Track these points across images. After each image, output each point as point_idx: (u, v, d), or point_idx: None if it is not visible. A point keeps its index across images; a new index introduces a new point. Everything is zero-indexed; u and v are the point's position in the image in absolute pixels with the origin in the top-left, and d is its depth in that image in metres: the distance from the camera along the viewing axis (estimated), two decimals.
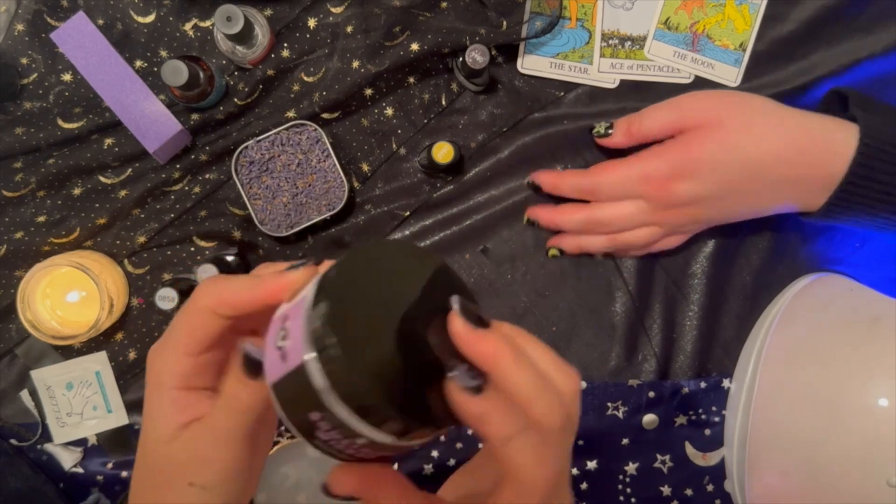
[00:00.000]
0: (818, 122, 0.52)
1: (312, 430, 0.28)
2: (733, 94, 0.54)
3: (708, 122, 0.52)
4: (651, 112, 0.54)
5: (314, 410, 0.27)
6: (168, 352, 0.32)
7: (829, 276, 0.61)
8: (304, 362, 0.26)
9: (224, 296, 0.31)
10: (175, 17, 0.58)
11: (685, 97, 0.54)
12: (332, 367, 0.26)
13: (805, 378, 0.54)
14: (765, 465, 0.56)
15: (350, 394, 0.26)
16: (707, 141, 0.51)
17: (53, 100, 0.57)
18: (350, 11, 0.58)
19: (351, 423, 0.26)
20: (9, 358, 0.60)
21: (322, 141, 0.57)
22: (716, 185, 0.52)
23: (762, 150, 0.51)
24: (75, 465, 0.60)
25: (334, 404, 0.26)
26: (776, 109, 0.53)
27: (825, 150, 0.51)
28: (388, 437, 0.27)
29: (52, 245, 0.58)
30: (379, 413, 0.26)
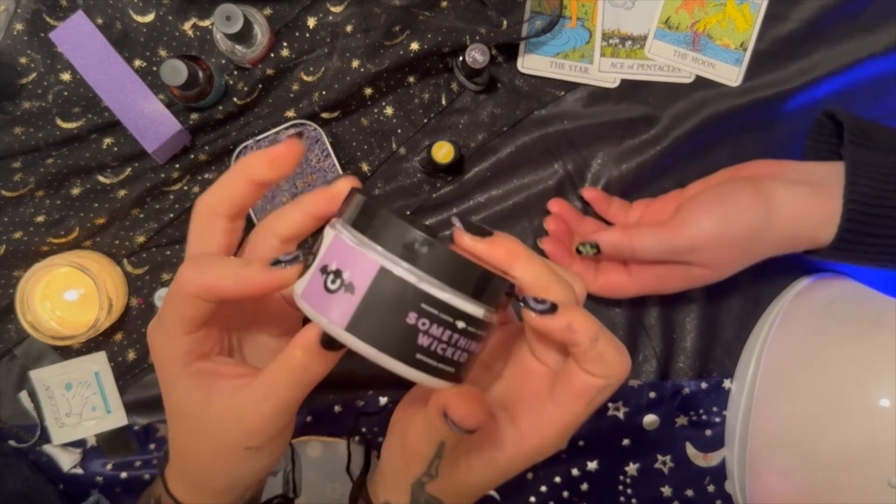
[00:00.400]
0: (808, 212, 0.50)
1: (413, 341, 0.27)
2: (735, 235, 0.50)
3: (708, 266, 0.52)
4: (644, 246, 0.51)
5: (410, 311, 0.27)
6: (165, 335, 0.32)
7: (831, 277, 0.61)
8: (381, 267, 0.27)
9: (208, 284, 0.30)
10: (174, 16, 0.58)
11: (683, 236, 0.50)
12: (411, 251, 0.26)
13: (806, 378, 0.54)
14: (766, 466, 0.55)
15: (440, 265, 0.27)
16: (704, 278, 0.53)
17: (52, 99, 0.57)
18: (350, 11, 0.58)
19: (449, 299, 0.27)
20: (8, 358, 0.60)
21: (322, 140, 0.57)
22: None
23: (758, 256, 0.53)
24: (74, 466, 0.60)
25: (430, 288, 0.27)
26: (775, 224, 0.50)
27: (812, 238, 0.50)
28: (481, 308, 0.28)
29: (51, 245, 0.58)
30: (468, 277, 0.27)
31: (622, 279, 0.55)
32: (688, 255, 0.51)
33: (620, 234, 0.52)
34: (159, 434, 0.61)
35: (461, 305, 0.28)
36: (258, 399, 0.32)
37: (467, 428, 0.29)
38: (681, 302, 0.61)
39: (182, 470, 0.37)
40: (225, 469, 0.35)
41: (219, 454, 0.34)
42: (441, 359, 0.28)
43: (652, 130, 0.60)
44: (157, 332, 0.33)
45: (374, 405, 0.60)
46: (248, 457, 0.33)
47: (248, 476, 0.36)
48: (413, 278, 0.27)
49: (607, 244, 0.53)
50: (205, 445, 0.34)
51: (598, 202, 0.59)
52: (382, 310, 0.27)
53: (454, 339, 0.28)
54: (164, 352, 0.33)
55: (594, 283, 0.56)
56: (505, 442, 0.32)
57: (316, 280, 0.28)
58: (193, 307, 0.31)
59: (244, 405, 0.32)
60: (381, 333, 0.27)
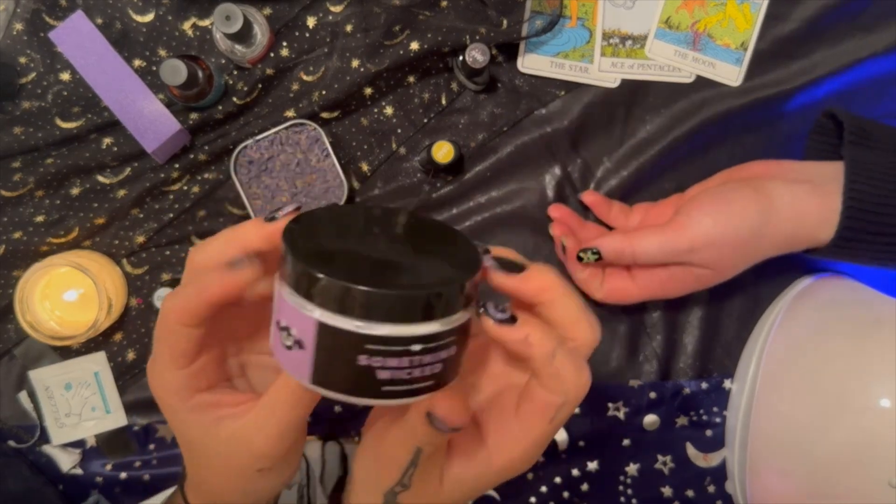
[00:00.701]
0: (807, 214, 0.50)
1: (374, 378, 0.28)
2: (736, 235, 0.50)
3: (708, 265, 0.52)
4: (644, 249, 0.52)
5: (359, 354, 0.27)
6: (161, 373, 0.33)
7: (831, 277, 0.61)
8: (318, 322, 0.27)
9: (180, 307, 0.31)
10: (174, 16, 0.57)
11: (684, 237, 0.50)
12: (343, 303, 0.26)
13: (806, 378, 0.54)
14: (766, 466, 0.55)
15: (375, 307, 0.26)
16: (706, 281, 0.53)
17: (52, 99, 0.57)
18: (350, 10, 0.58)
19: (393, 332, 0.27)
20: (7, 358, 0.59)
21: (321, 140, 0.57)
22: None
23: (758, 256, 0.52)
24: (74, 466, 0.60)
25: (371, 328, 0.27)
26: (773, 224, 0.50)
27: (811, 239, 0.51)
28: (435, 324, 0.28)
29: (51, 245, 0.58)
30: (411, 307, 0.27)
31: (627, 285, 0.55)
32: (689, 256, 0.51)
33: (621, 238, 0.52)
34: (159, 434, 0.60)
35: (409, 332, 0.27)
36: (262, 422, 0.32)
37: (452, 425, 0.30)
38: (681, 302, 0.61)
39: (199, 489, 0.37)
40: (240, 489, 0.35)
41: (231, 478, 0.34)
42: (410, 381, 0.28)
43: (652, 130, 0.60)
44: (153, 370, 0.33)
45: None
46: (261, 478, 0.34)
47: (263, 493, 0.36)
48: (351, 326, 0.26)
49: (608, 250, 0.53)
50: (217, 470, 0.34)
51: (597, 206, 0.58)
52: (334, 359, 0.27)
53: (415, 360, 0.28)
54: (162, 388, 0.33)
55: (600, 290, 0.56)
56: (475, 458, 0.33)
57: (275, 335, 0.29)
58: (179, 338, 0.31)
59: (250, 430, 0.32)
60: (343, 379, 0.28)
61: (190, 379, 0.33)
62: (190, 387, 0.33)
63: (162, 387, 0.33)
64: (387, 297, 0.26)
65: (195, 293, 0.31)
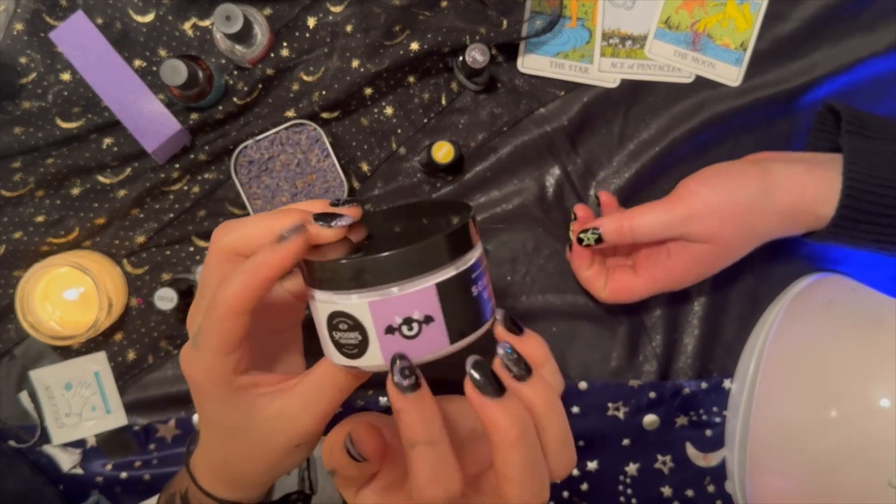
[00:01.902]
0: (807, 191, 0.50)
1: (483, 303, 0.31)
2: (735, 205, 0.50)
3: (708, 239, 0.51)
4: (644, 221, 0.52)
5: (471, 286, 0.31)
6: (206, 359, 0.33)
7: (831, 277, 0.61)
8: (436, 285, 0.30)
9: (236, 295, 0.31)
10: (174, 16, 0.58)
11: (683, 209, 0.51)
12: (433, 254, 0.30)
13: (806, 378, 0.54)
14: (766, 466, 0.55)
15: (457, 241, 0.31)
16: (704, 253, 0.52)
17: (52, 99, 0.57)
18: (350, 10, 0.58)
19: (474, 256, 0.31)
20: (7, 358, 0.60)
21: (321, 140, 0.57)
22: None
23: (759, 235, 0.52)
24: (74, 466, 0.60)
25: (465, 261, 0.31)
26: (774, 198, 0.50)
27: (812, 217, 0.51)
28: (477, 248, 0.32)
29: (51, 245, 0.58)
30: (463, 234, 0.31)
31: (631, 282, 0.55)
32: (688, 227, 0.50)
33: (619, 216, 0.53)
34: (159, 434, 0.60)
35: (476, 255, 0.32)
36: (309, 402, 0.33)
37: (354, 455, 0.32)
38: (681, 302, 0.61)
39: (222, 473, 0.38)
40: (272, 468, 0.36)
41: (268, 457, 0.35)
42: (490, 297, 0.33)
43: (652, 131, 0.60)
44: (196, 358, 0.33)
45: (374, 406, 0.60)
46: (296, 454, 0.35)
47: (289, 469, 0.37)
48: (453, 270, 0.30)
49: (608, 229, 0.53)
50: (254, 452, 0.35)
51: (609, 207, 0.58)
52: (458, 307, 0.31)
53: (486, 279, 0.33)
54: (207, 376, 0.33)
55: (604, 290, 0.56)
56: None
57: (383, 340, 0.31)
58: (233, 326, 0.32)
59: (295, 409, 0.33)
60: (471, 319, 0.31)
61: (234, 364, 0.33)
62: (234, 371, 0.33)
63: (205, 374, 0.33)
64: (459, 230, 0.30)
65: (250, 276, 0.31)
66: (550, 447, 0.32)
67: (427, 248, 0.29)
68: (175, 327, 0.60)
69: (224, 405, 0.33)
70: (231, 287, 0.31)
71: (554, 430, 0.32)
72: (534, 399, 0.31)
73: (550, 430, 0.32)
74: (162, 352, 0.60)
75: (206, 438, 0.38)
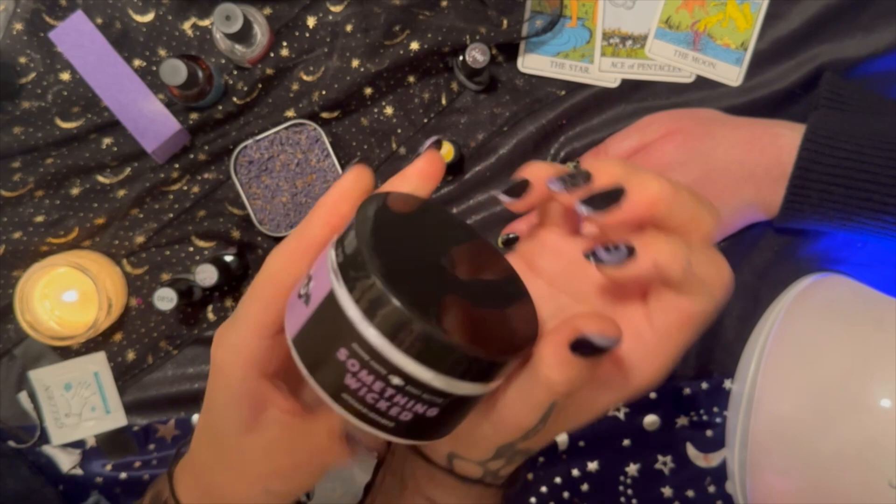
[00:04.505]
0: (772, 122, 0.55)
1: (340, 379, 0.25)
2: (689, 109, 0.58)
3: (668, 132, 0.55)
4: (614, 139, 0.57)
5: (342, 346, 0.24)
6: (238, 334, 0.29)
7: (832, 277, 0.61)
8: (331, 290, 0.24)
9: (290, 249, 0.28)
10: (174, 15, 0.57)
11: (644, 119, 0.57)
12: (362, 290, 0.24)
13: (807, 378, 0.54)
14: (766, 467, 0.55)
15: (385, 312, 0.23)
16: (668, 145, 0.54)
17: (52, 99, 0.57)
18: (350, 10, 0.58)
19: (384, 350, 0.24)
20: (7, 358, 0.59)
21: (321, 140, 0.57)
22: None
23: (720, 150, 0.54)
24: (74, 466, 0.60)
25: (367, 330, 0.24)
26: (732, 118, 0.56)
27: (774, 143, 0.53)
28: (430, 373, 0.24)
29: (51, 245, 0.58)
30: (414, 332, 0.23)
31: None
32: (652, 129, 0.55)
33: (593, 150, 0.58)
34: (158, 434, 0.60)
35: (399, 363, 0.24)
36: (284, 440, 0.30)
37: (616, 336, 0.25)
38: None
39: (200, 482, 0.35)
40: (243, 498, 0.32)
41: (237, 483, 0.32)
42: (373, 408, 0.25)
43: None
44: (227, 333, 0.30)
45: None
46: (266, 498, 0.31)
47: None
48: (354, 314, 0.24)
49: (586, 158, 0.58)
50: (225, 468, 0.32)
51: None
52: (321, 334, 0.25)
53: (388, 393, 0.24)
54: (232, 355, 0.29)
55: None
56: (610, 385, 0.29)
57: (302, 280, 0.28)
58: (275, 292, 0.28)
59: (282, 447, 0.30)
60: (314, 357, 0.25)
61: (265, 353, 0.29)
62: (261, 361, 0.29)
63: (230, 354, 0.29)
64: (402, 315, 0.23)
65: (297, 239, 0.28)
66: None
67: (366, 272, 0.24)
68: (174, 328, 0.60)
69: (227, 398, 0.30)
70: (276, 255, 0.28)
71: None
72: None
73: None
74: (161, 352, 0.60)
75: (197, 437, 0.34)
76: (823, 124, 0.52)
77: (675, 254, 0.25)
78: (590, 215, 0.26)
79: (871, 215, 0.52)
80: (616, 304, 0.29)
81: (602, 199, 0.26)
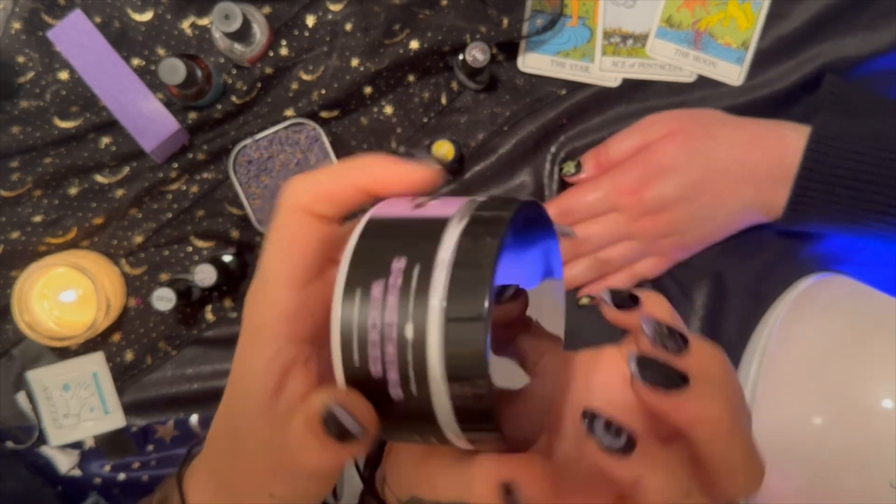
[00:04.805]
0: (775, 123, 0.55)
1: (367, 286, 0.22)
2: (692, 109, 0.58)
3: (669, 132, 0.55)
4: (615, 139, 0.56)
5: (405, 255, 0.21)
6: (272, 289, 0.25)
7: (833, 277, 0.60)
8: (447, 218, 0.22)
9: (319, 186, 0.25)
10: (173, 14, 0.57)
11: (645, 119, 0.57)
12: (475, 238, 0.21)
13: (808, 379, 0.53)
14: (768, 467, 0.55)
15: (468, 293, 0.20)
16: (669, 146, 0.54)
17: (50, 98, 0.57)
18: (349, 9, 0.57)
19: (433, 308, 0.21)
20: (5, 359, 0.59)
21: (321, 140, 0.57)
22: (680, 187, 0.54)
23: (721, 151, 0.54)
24: (73, 467, 0.60)
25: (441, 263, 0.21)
26: (734, 118, 0.56)
27: (778, 144, 0.54)
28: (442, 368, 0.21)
29: (49, 245, 0.57)
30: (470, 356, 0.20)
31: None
32: (653, 129, 0.55)
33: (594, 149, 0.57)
34: (157, 435, 0.60)
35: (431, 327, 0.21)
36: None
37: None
38: (683, 302, 0.61)
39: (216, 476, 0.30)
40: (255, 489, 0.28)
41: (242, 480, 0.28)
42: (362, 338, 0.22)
43: None
44: (258, 291, 0.26)
45: None
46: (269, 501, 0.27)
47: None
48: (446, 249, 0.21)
49: (587, 157, 0.57)
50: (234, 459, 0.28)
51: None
52: (400, 234, 0.22)
53: (390, 333, 0.22)
54: (268, 312, 0.25)
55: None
56: None
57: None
58: (302, 232, 0.25)
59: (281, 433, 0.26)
60: (370, 249, 0.22)
61: (302, 303, 0.25)
62: (298, 317, 0.25)
63: (267, 309, 0.25)
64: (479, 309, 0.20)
65: (345, 173, 0.25)
66: None
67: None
68: (173, 328, 0.59)
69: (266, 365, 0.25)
70: (311, 179, 0.25)
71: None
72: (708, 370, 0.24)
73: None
74: (160, 352, 0.59)
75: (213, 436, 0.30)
76: (829, 126, 0.52)
77: (665, 492, 0.22)
78: (639, 378, 0.23)
79: (875, 217, 0.52)
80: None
81: (659, 373, 0.23)
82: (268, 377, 0.25)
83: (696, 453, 0.23)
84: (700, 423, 0.23)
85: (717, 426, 0.23)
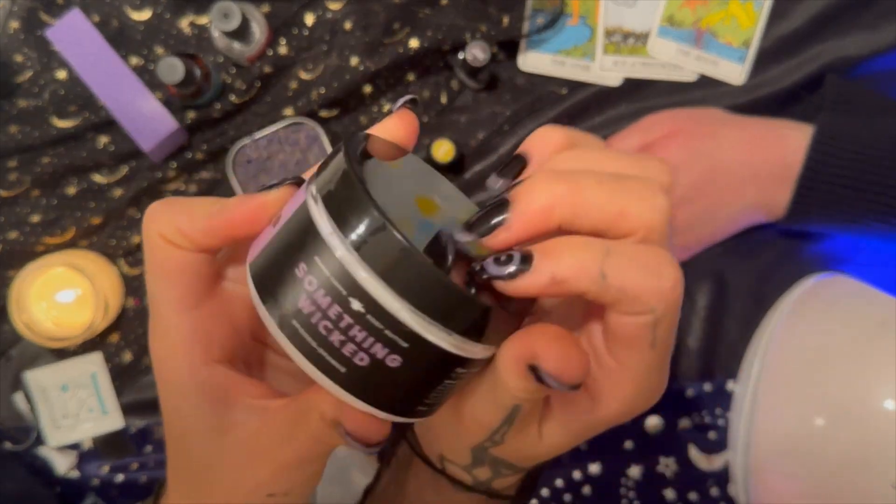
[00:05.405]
0: (777, 122, 0.55)
1: (295, 300, 0.21)
2: (693, 109, 0.57)
3: (671, 132, 0.54)
4: (616, 139, 0.56)
5: (302, 261, 0.21)
6: (163, 321, 0.25)
7: (835, 277, 0.60)
8: (303, 202, 0.22)
9: (177, 222, 0.24)
10: (171, 13, 0.57)
11: (646, 118, 0.56)
12: (340, 196, 0.21)
13: (810, 380, 0.53)
14: (770, 469, 0.55)
15: (358, 222, 0.20)
16: (670, 145, 0.54)
17: (48, 98, 0.57)
18: (349, 8, 0.57)
19: (349, 263, 0.20)
20: (3, 359, 0.59)
21: (320, 139, 0.57)
22: (681, 187, 0.53)
23: (723, 151, 0.53)
24: (71, 468, 0.60)
25: (332, 240, 0.21)
26: (735, 118, 0.56)
27: (780, 143, 0.53)
28: (396, 298, 0.20)
29: (47, 245, 0.57)
30: (388, 246, 0.20)
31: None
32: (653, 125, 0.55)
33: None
34: (156, 436, 0.60)
35: (364, 281, 0.20)
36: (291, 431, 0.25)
37: (569, 383, 0.22)
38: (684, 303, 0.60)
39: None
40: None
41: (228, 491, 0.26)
42: (324, 343, 0.21)
43: None
44: (154, 331, 0.26)
45: None
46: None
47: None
48: (323, 224, 0.21)
49: None
50: (216, 489, 0.26)
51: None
52: (282, 250, 0.22)
53: (344, 322, 0.21)
54: (166, 345, 0.25)
55: None
56: (578, 408, 0.26)
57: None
58: (165, 256, 0.25)
59: (273, 438, 0.25)
60: (269, 277, 0.22)
61: (198, 325, 0.25)
62: (200, 340, 0.25)
63: (165, 343, 0.25)
64: (377, 223, 0.20)
65: (206, 212, 0.24)
66: None
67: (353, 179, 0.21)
68: None
69: (193, 403, 0.24)
70: (180, 214, 0.25)
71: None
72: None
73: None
74: None
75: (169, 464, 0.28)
76: (831, 125, 0.52)
77: (580, 263, 0.21)
78: (472, 240, 0.23)
79: (878, 217, 0.52)
80: (586, 320, 0.26)
81: (483, 222, 0.22)
82: (201, 414, 0.25)
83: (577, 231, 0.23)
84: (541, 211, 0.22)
85: (556, 198, 0.22)
